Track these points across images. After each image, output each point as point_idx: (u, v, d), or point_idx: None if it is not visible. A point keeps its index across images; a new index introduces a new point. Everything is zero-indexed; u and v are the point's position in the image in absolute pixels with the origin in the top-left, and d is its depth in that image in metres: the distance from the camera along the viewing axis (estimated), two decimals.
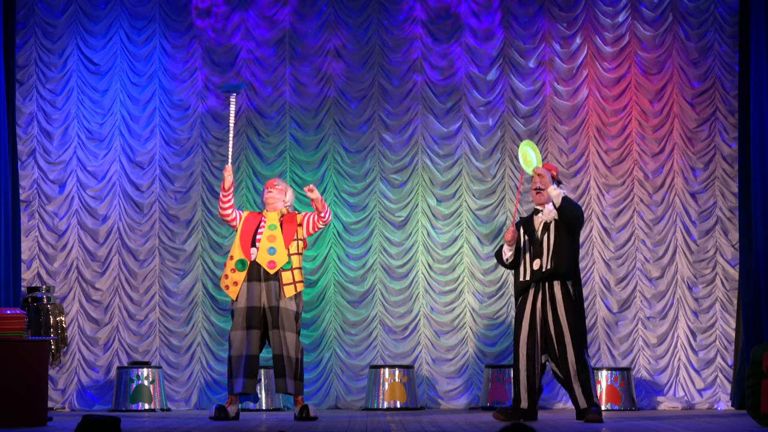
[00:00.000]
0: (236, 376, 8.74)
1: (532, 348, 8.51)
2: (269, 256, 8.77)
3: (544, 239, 8.57)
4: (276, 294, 8.77)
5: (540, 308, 8.54)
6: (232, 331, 8.79)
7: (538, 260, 8.56)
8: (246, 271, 8.77)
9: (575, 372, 8.41)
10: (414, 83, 11.29)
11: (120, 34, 11.23)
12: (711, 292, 11.07)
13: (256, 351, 8.78)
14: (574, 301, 8.51)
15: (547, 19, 11.28)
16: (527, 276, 8.60)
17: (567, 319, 8.47)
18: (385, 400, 10.57)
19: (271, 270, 8.77)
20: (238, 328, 8.77)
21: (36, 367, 8.23)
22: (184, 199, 11.18)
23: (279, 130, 11.26)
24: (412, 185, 11.27)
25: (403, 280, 11.20)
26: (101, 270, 11.09)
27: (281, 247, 8.81)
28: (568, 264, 8.54)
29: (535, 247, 8.59)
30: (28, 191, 11.11)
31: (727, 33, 11.17)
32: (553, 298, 8.53)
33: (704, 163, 11.18)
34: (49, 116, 11.17)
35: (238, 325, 8.77)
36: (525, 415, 8.50)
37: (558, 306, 8.50)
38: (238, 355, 8.74)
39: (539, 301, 8.56)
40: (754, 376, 7.89)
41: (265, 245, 8.79)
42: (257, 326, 8.76)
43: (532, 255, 8.59)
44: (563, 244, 8.54)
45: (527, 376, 8.52)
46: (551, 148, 11.22)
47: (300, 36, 11.29)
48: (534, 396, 8.55)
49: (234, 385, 8.74)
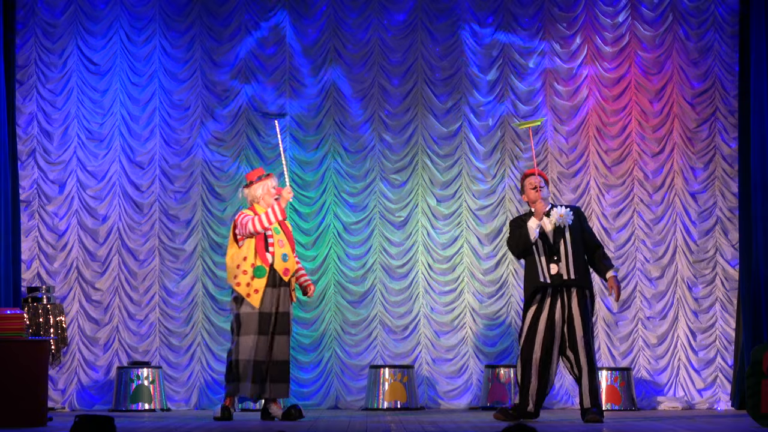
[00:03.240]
0: (243, 380, 8.66)
1: (548, 354, 8.44)
2: (283, 263, 8.72)
3: (560, 244, 8.49)
4: (285, 299, 8.76)
5: (559, 313, 8.45)
6: (243, 335, 8.65)
7: (555, 266, 8.48)
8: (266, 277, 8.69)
9: (587, 372, 8.40)
10: (414, 83, 11.29)
11: (120, 34, 11.23)
12: (711, 292, 11.07)
13: (267, 357, 8.72)
14: (588, 309, 8.49)
15: (547, 19, 11.28)
16: (547, 279, 8.47)
17: (583, 324, 8.43)
18: (385, 400, 10.57)
19: (285, 277, 8.74)
20: (250, 333, 8.65)
21: (36, 367, 8.22)
22: (184, 199, 11.18)
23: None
24: (412, 185, 11.27)
25: (403, 280, 11.20)
26: (101, 270, 11.09)
27: (290, 253, 8.80)
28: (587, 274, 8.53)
29: (551, 250, 8.50)
30: (28, 191, 11.10)
31: (727, 33, 11.17)
32: (570, 304, 8.46)
33: (704, 163, 11.18)
34: (49, 116, 11.17)
35: (251, 329, 8.65)
36: (530, 416, 8.48)
37: (574, 311, 8.44)
38: (248, 360, 8.65)
39: (558, 306, 8.45)
40: (754, 376, 7.89)
41: (278, 251, 8.72)
42: (268, 332, 8.72)
43: (548, 258, 8.53)
44: (580, 252, 8.52)
45: (538, 382, 8.47)
46: (551, 148, 11.22)
47: (300, 36, 11.29)
48: (542, 400, 8.53)
49: (240, 388, 8.68)
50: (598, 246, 8.66)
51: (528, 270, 8.58)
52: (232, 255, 8.74)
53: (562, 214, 8.46)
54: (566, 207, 8.56)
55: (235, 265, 8.69)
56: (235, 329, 8.74)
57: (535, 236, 8.44)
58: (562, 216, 8.46)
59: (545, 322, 8.45)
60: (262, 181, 8.86)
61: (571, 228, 8.51)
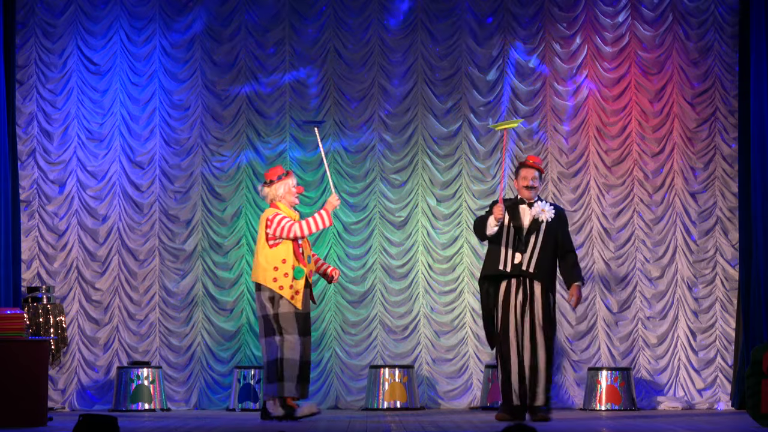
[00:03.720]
0: (290, 380, 8.56)
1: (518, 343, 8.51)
2: (309, 265, 8.74)
3: (531, 238, 8.57)
4: (309, 300, 8.77)
5: (521, 304, 8.53)
6: (287, 335, 8.57)
7: (520, 255, 8.54)
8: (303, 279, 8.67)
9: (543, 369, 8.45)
10: (414, 83, 11.29)
11: (120, 34, 11.24)
12: (711, 292, 11.07)
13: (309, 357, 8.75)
14: (551, 308, 8.56)
15: (547, 19, 11.28)
16: (507, 267, 8.56)
17: (543, 319, 8.50)
18: (385, 400, 10.57)
19: (311, 278, 8.75)
20: (294, 333, 8.59)
21: (36, 367, 8.23)
22: (184, 199, 11.18)
23: (279, 130, 11.26)
24: (412, 185, 11.27)
25: (403, 280, 11.20)
26: (101, 270, 11.09)
27: (311, 255, 8.82)
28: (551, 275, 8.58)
29: (519, 240, 8.58)
30: (28, 191, 11.11)
31: (727, 33, 11.17)
32: (533, 297, 8.53)
33: (704, 163, 11.18)
34: (49, 116, 11.17)
35: (294, 329, 8.59)
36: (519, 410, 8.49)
37: (536, 305, 8.51)
38: (295, 359, 8.58)
39: (520, 296, 8.54)
40: (754, 376, 7.89)
41: (307, 252, 8.75)
42: (306, 333, 8.71)
43: (515, 247, 8.57)
44: (548, 252, 8.55)
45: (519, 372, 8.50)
46: (551, 148, 11.22)
47: (300, 36, 11.29)
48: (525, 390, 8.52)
49: (285, 388, 8.57)
50: (571, 251, 8.75)
51: (488, 256, 8.68)
52: (266, 255, 8.61)
53: (544, 209, 8.59)
54: (552, 205, 8.63)
55: (272, 267, 8.58)
56: (275, 329, 8.60)
57: (491, 232, 8.55)
58: (544, 211, 8.59)
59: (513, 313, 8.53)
60: (282, 180, 8.79)
61: (547, 226, 8.57)
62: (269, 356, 8.61)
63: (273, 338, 8.62)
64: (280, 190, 8.76)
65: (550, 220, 8.59)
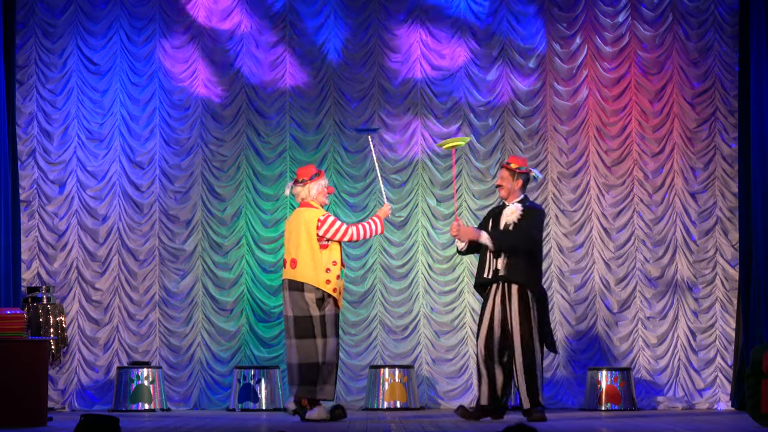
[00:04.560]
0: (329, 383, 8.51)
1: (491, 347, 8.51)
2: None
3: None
4: None
5: (500, 307, 8.55)
6: (330, 337, 8.53)
7: (497, 261, 8.61)
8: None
9: (522, 372, 8.44)
10: (414, 83, 11.29)
11: (120, 34, 11.24)
12: (711, 292, 11.07)
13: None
14: (530, 308, 8.52)
15: (547, 19, 11.28)
16: (489, 274, 8.63)
17: (520, 320, 8.48)
18: (385, 400, 10.57)
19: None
20: (334, 335, 8.57)
21: (36, 367, 8.23)
22: (184, 199, 11.18)
23: (279, 130, 11.26)
24: (412, 185, 11.27)
25: (403, 280, 11.20)
26: (101, 270, 11.09)
27: None
28: (525, 273, 8.56)
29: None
30: (28, 191, 11.11)
31: (727, 33, 11.17)
32: (510, 299, 8.55)
33: (704, 163, 11.18)
34: (49, 116, 11.17)
35: (334, 332, 8.58)
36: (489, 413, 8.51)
37: (513, 307, 8.52)
38: (334, 363, 8.56)
39: (498, 299, 8.58)
40: (754, 376, 7.90)
41: None
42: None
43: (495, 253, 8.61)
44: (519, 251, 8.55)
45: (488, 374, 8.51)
46: (551, 148, 11.22)
47: (300, 35, 11.29)
48: (495, 392, 8.53)
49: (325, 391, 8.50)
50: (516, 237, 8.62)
51: (478, 264, 8.79)
52: (316, 256, 8.55)
53: (513, 211, 8.66)
54: (527, 205, 8.69)
55: (323, 269, 8.54)
56: (319, 331, 8.52)
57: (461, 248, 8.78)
58: (512, 213, 8.66)
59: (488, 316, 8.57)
60: (315, 180, 8.72)
61: (515, 227, 8.59)
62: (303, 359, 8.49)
63: (313, 340, 8.50)
64: (313, 191, 8.70)
65: (517, 222, 8.62)
